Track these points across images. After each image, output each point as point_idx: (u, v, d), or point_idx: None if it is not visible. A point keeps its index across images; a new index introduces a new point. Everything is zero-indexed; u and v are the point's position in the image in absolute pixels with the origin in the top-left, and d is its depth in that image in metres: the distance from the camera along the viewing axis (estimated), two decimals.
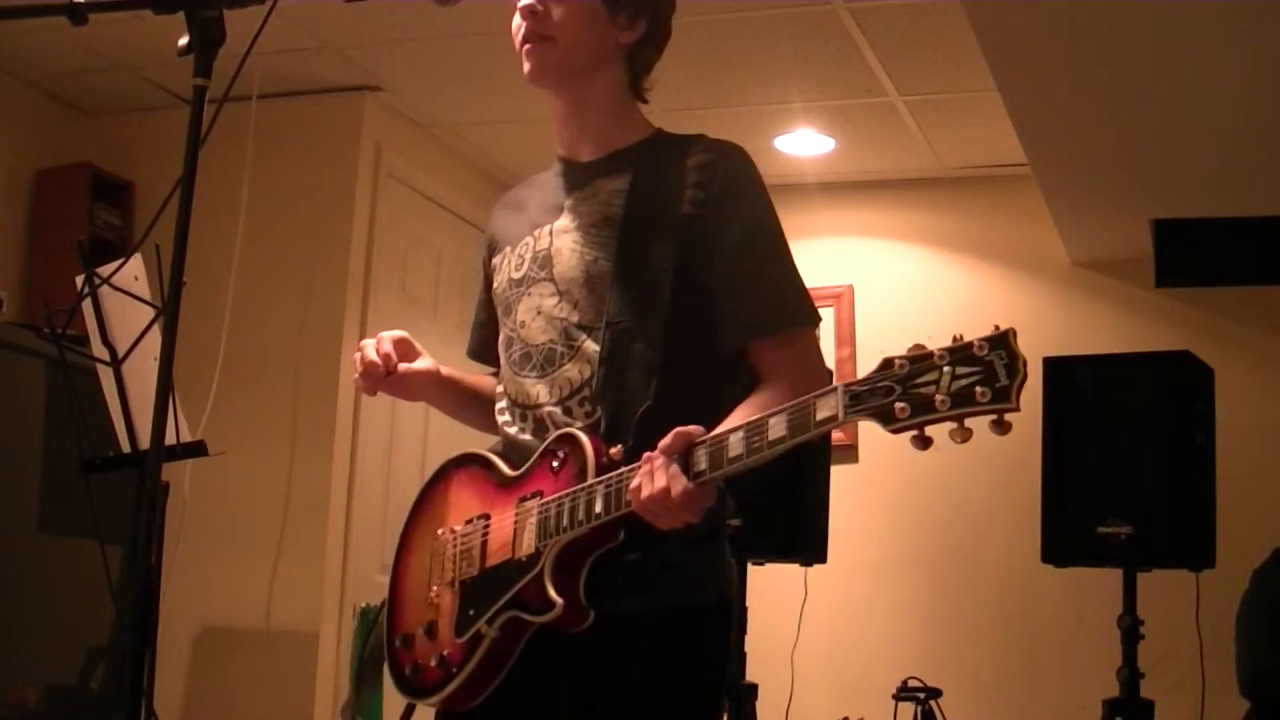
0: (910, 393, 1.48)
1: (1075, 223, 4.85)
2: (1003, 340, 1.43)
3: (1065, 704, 4.71)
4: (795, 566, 4.10)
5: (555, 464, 1.84)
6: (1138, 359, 3.80)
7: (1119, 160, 4.26)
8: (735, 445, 1.63)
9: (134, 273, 3.28)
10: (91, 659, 4.15)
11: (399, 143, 4.98)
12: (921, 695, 4.13)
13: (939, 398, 1.45)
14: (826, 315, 5.41)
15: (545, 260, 1.96)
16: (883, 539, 5.19)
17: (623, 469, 1.74)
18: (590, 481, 1.77)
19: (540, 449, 1.88)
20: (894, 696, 4.21)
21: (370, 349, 2.07)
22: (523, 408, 1.95)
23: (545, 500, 1.82)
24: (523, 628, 1.82)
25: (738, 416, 1.75)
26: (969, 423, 1.45)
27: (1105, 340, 4.71)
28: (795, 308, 1.90)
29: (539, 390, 1.93)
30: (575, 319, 1.91)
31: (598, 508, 1.74)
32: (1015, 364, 1.41)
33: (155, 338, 3.25)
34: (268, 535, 4.55)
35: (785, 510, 3.62)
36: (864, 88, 4.53)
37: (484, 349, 2.19)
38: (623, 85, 2.02)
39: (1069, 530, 3.67)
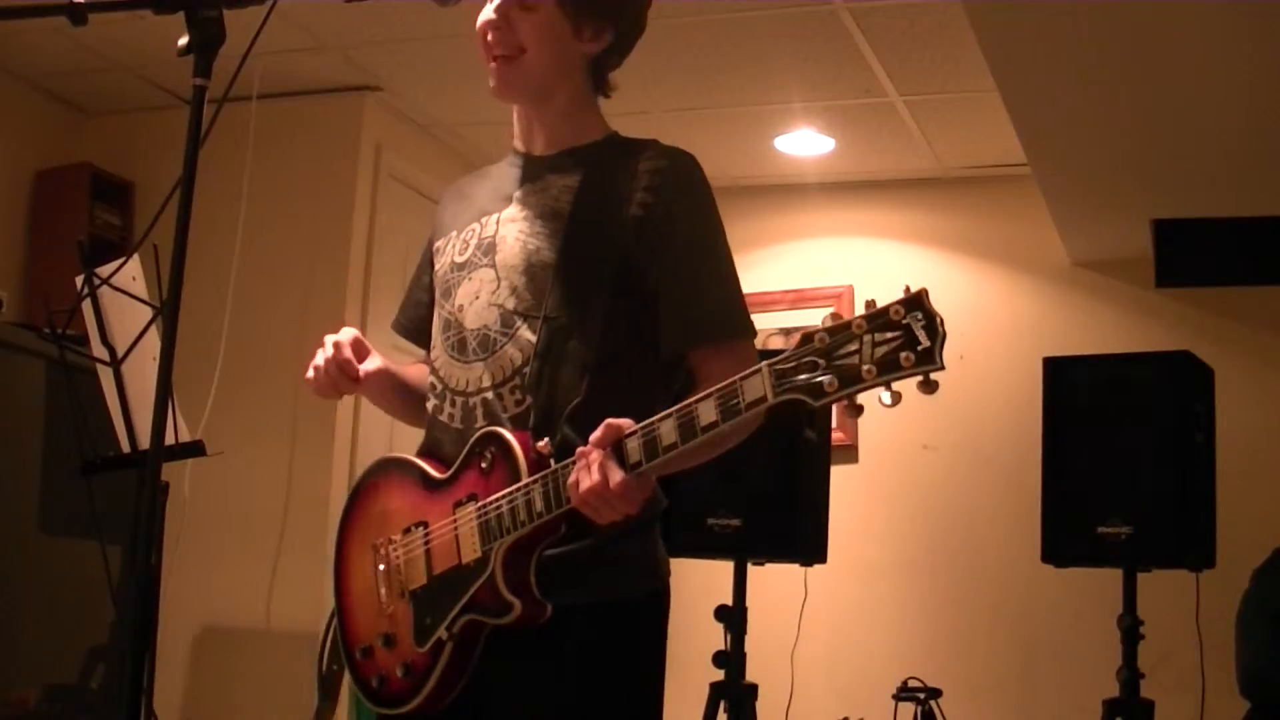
0: (835, 365, 1.49)
1: (1075, 223, 4.85)
2: (918, 302, 1.45)
3: (1065, 704, 4.71)
4: (795, 566, 4.10)
5: (484, 465, 1.85)
6: (1138, 359, 3.80)
7: (1119, 160, 4.25)
8: (668, 433, 1.63)
9: (132, 273, 3.28)
10: (91, 659, 4.15)
11: (399, 143, 4.98)
12: (921, 695, 4.13)
13: (865, 367, 1.47)
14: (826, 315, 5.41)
15: (490, 247, 1.98)
16: (883, 539, 5.19)
17: (556, 466, 1.75)
18: (525, 481, 1.78)
19: (465, 450, 1.89)
20: (894, 696, 4.21)
21: (331, 352, 2.07)
22: (453, 392, 1.96)
23: (483, 503, 1.82)
24: (481, 628, 1.84)
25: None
26: (896, 385, 1.47)
27: (1105, 340, 4.71)
28: (738, 319, 1.92)
29: (471, 376, 1.94)
30: (512, 305, 1.92)
31: (538, 506, 1.75)
32: (934, 324, 1.44)
33: (155, 338, 3.25)
34: (268, 535, 4.55)
35: (785, 510, 3.62)
36: (864, 88, 4.53)
37: (414, 327, 2.22)
38: (585, 90, 2.05)
39: (1069, 530, 3.67)
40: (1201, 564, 3.68)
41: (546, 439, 1.79)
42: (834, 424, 4.21)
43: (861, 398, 1.51)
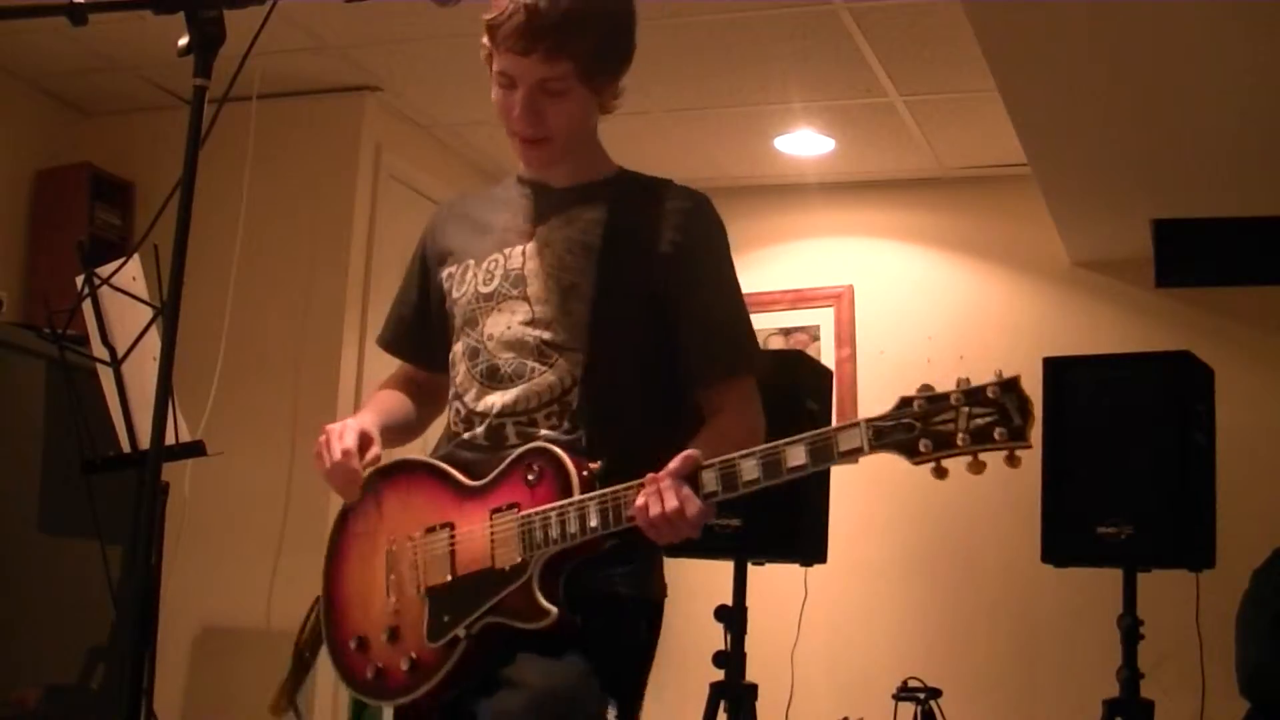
0: (931, 430, 1.65)
1: (1075, 223, 4.85)
2: (1012, 385, 1.63)
3: (1065, 704, 4.71)
4: (795, 566, 4.10)
5: (530, 477, 1.90)
6: (1138, 359, 3.80)
7: (1119, 160, 4.26)
8: (749, 470, 1.76)
9: (132, 273, 3.28)
10: (91, 659, 4.15)
11: (399, 143, 4.98)
12: (921, 695, 4.13)
13: (960, 436, 1.63)
14: (826, 315, 5.42)
15: (519, 279, 2.03)
16: (883, 539, 5.19)
17: (617, 487, 1.83)
18: (580, 497, 1.84)
19: (509, 460, 1.93)
20: (894, 696, 4.21)
21: (339, 459, 2.01)
22: (480, 415, 2.01)
23: (527, 513, 1.88)
24: (499, 632, 1.88)
25: (708, 441, 1.87)
26: (982, 457, 1.65)
27: (1105, 340, 4.71)
28: (753, 357, 2.08)
29: (502, 400, 1.99)
30: (549, 337, 1.98)
31: (593, 522, 1.83)
32: (1026, 406, 1.62)
33: (155, 338, 3.25)
34: (268, 535, 4.55)
35: (785, 510, 3.61)
36: (864, 88, 4.53)
37: (405, 345, 2.27)
38: (595, 128, 2.11)
39: (1069, 530, 3.67)
40: (1201, 564, 3.68)
41: (600, 461, 1.88)
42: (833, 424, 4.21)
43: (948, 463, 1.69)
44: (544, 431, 1.95)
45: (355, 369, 4.67)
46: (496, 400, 1.99)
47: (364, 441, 2.04)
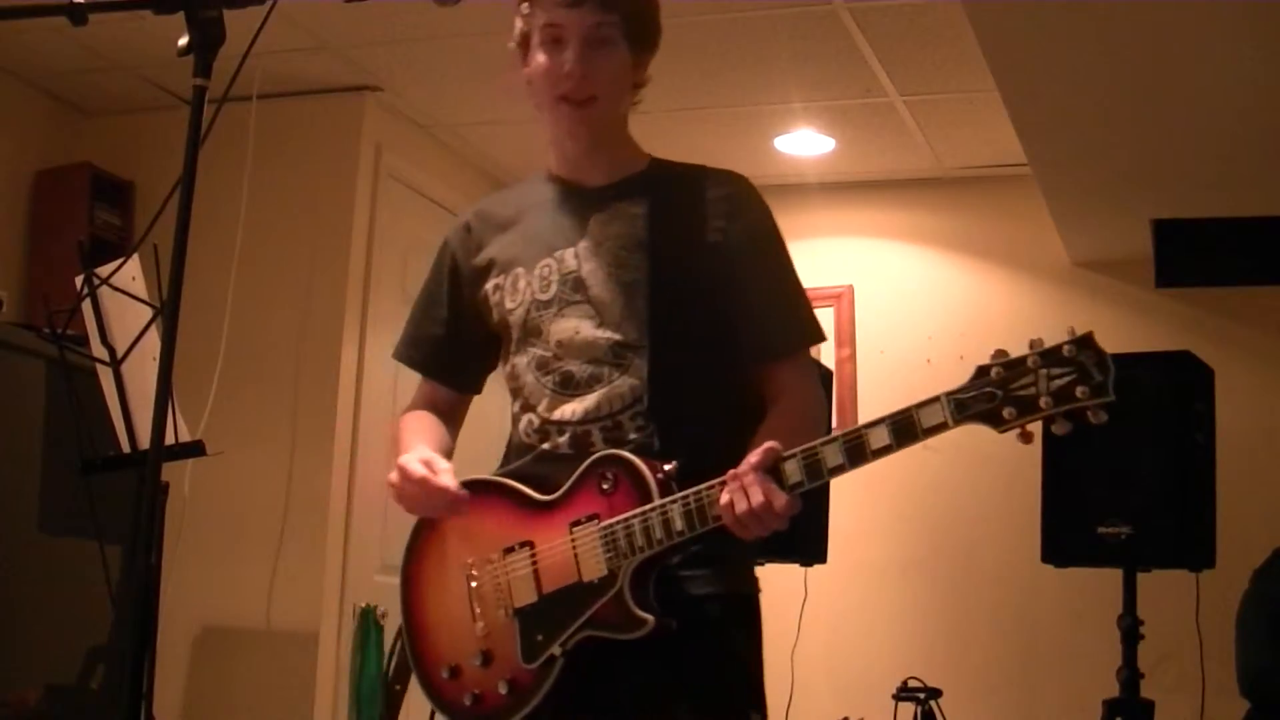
0: (1013, 396, 1.64)
1: (1075, 223, 4.85)
2: (1088, 342, 1.64)
3: (1065, 704, 4.71)
4: (795, 566, 4.10)
5: (605, 485, 1.88)
6: (1138, 359, 3.80)
7: (1119, 160, 4.26)
8: (832, 456, 1.73)
9: (132, 273, 3.27)
10: (91, 659, 4.15)
11: (399, 143, 4.98)
12: (921, 695, 4.14)
13: (1043, 399, 1.62)
14: (826, 315, 5.41)
15: (577, 283, 2.00)
16: (883, 539, 5.19)
17: (699, 487, 1.80)
18: (660, 501, 1.82)
19: (580, 471, 1.91)
20: (894, 696, 4.21)
21: (437, 485, 1.95)
22: (559, 424, 1.98)
23: (608, 523, 1.85)
24: (595, 645, 1.86)
25: (780, 429, 1.87)
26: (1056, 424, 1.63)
27: (1105, 340, 4.66)
28: (811, 329, 2.06)
29: (582, 407, 1.97)
30: (619, 338, 1.97)
31: (678, 525, 1.81)
32: (1105, 361, 1.63)
33: (155, 338, 3.25)
34: (268, 535, 4.55)
35: None
36: (864, 88, 4.53)
37: (436, 365, 2.21)
38: (627, 115, 2.10)
39: (1069, 530, 3.68)
40: (1201, 564, 3.68)
41: (674, 462, 1.85)
42: (834, 424, 4.21)
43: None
44: (630, 435, 1.93)
45: (355, 369, 4.67)
46: (576, 408, 1.97)
47: (436, 465, 1.98)
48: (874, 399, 5.22)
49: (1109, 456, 3.65)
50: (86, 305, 3.31)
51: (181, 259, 1.64)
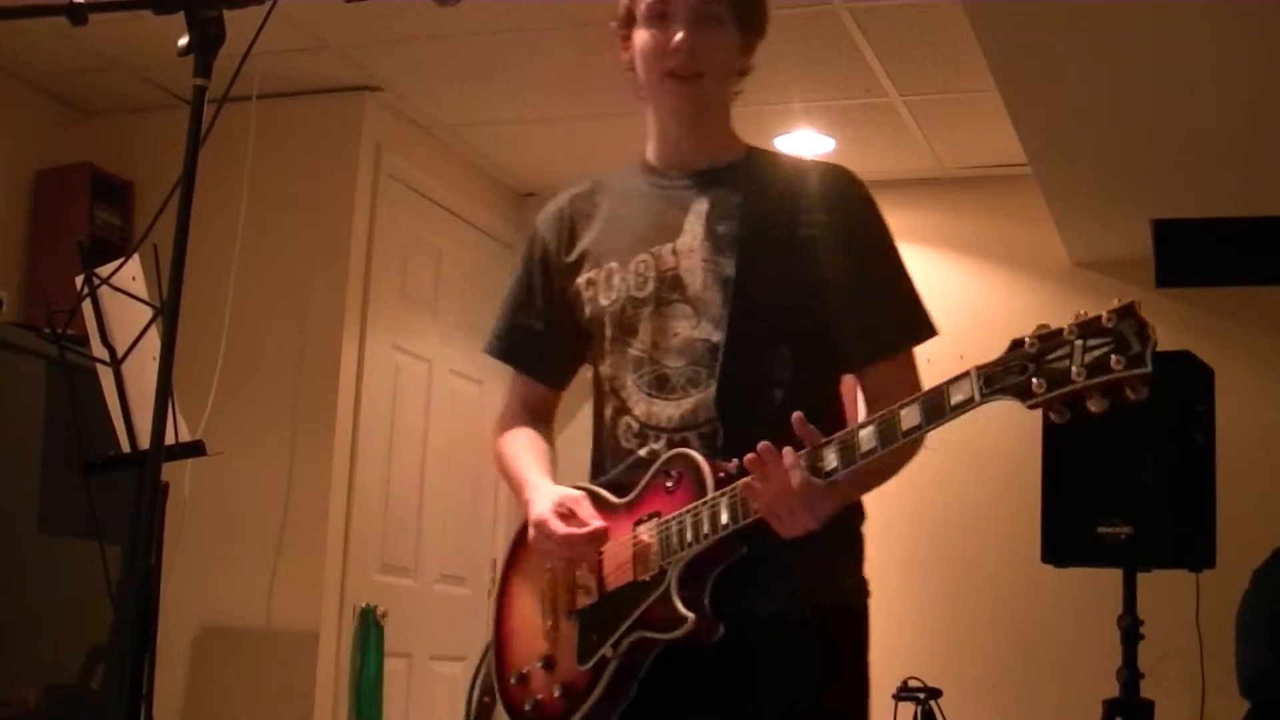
0: (1044, 369, 1.52)
1: (1075, 223, 4.85)
2: (1129, 310, 1.47)
3: (1065, 704, 4.71)
4: None
5: (669, 484, 1.83)
6: None
7: (1119, 160, 4.25)
8: (866, 439, 1.65)
9: (132, 273, 3.27)
10: (91, 659, 4.15)
11: (399, 143, 4.98)
12: (921, 695, 4.13)
13: (1075, 370, 1.48)
14: None
15: (675, 281, 1.93)
16: (883, 539, 5.14)
17: (745, 479, 1.74)
18: (711, 495, 1.76)
19: (652, 471, 1.86)
20: (894, 696, 4.21)
21: (579, 537, 1.89)
22: (656, 430, 1.92)
23: (665, 519, 1.80)
24: (649, 647, 1.80)
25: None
26: (1091, 404, 1.50)
27: None
28: (915, 325, 2.00)
29: (679, 412, 1.90)
30: (718, 338, 1.90)
31: (723, 519, 1.74)
32: (1145, 330, 1.45)
33: (155, 338, 3.25)
34: (268, 535, 4.55)
35: None
36: (864, 88, 4.53)
37: (534, 361, 2.13)
38: (729, 103, 2.05)
39: (1069, 530, 3.67)
40: (1201, 564, 3.68)
41: (735, 460, 1.76)
42: None
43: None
44: (726, 444, 1.85)
45: (355, 369, 4.66)
46: (672, 412, 1.90)
47: (578, 510, 1.91)
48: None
49: (1109, 456, 3.64)
50: (86, 305, 3.31)
51: (181, 259, 1.64)
